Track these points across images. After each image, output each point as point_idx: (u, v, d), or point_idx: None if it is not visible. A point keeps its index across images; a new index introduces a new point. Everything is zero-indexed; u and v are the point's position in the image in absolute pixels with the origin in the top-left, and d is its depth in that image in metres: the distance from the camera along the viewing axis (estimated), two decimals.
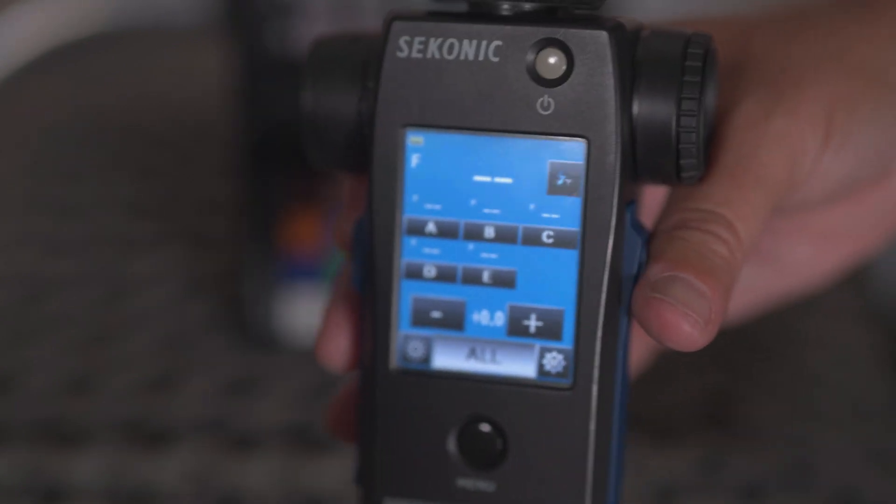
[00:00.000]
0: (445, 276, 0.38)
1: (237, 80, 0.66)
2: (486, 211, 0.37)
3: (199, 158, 0.85)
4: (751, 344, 0.65)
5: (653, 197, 0.41)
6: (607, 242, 0.37)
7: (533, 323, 0.38)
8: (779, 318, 0.67)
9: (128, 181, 0.82)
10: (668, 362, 0.62)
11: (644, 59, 0.37)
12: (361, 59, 0.39)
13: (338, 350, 0.40)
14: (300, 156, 0.66)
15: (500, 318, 0.38)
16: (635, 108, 0.37)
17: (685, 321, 0.35)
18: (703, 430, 0.58)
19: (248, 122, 0.66)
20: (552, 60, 0.36)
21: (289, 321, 0.66)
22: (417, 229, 0.38)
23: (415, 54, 0.37)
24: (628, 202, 0.37)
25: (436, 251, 0.38)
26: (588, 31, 0.36)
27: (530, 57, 0.37)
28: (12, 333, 0.67)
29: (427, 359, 0.38)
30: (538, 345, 0.38)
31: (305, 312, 0.66)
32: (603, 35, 0.36)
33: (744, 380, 0.62)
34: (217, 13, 1.01)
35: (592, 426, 0.37)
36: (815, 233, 0.44)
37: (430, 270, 0.38)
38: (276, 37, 0.65)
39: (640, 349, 0.44)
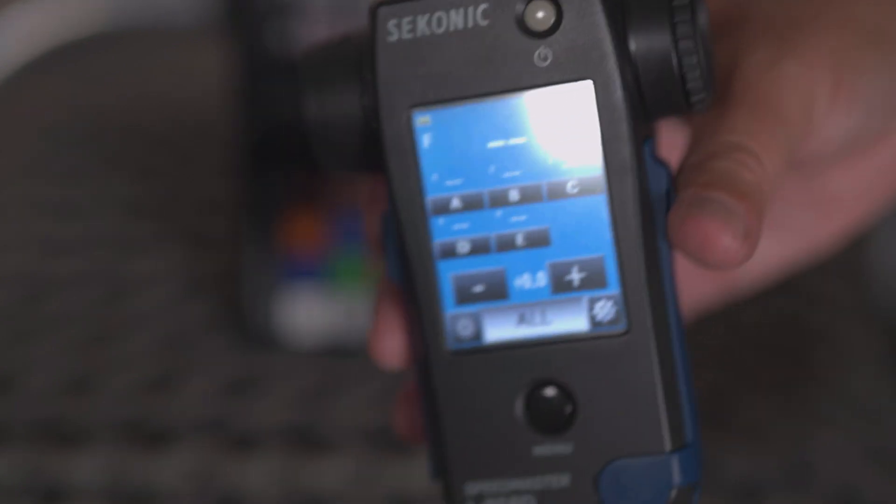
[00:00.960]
0: (480, 248, 0.38)
1: (237, 80, 0.66)
2: (507, 175, 0.37)
3: (199, 158, 0.85)
4: (750, 343, 0.65)
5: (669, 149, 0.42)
6: (632, 178, 0.37)
7: (576, 276, 0.37)
8: (779, 316, 0.67)
9: (128, 181, 0.82)
10: None
11: None
12: (355, 54, 0.39)
13: (392, 347, 0.40)
14: (300, 155, 0.66)
15: (542, 279, 0.38)
16: (632, 45, 0.37)
17: (724, 233, 0.35)
18: (703, 429, 0.58)
19: (248, 122, 0.66)
20: (541, 12, 0.37)
21: (289, 321, 0.66)
22: (443, 208, 0.38)
23: (405, 35, 0.37)
24: (645, 138, 0.38)
25: (465, 225, 0.38)
26: None
27: (518, 12, 0.37)
28: (12, 333, 0.67)
29: (478, 335, 0.38)
30: (585, 296, 0.37)
31: (305, 312, 0.66)
32: None
33: (743, 379, 0.62)
34: (217, 13, 1.01)
35: (656, 365, 0.37)
36: (819, 197, 0.44)
37: (463, 246, 0.38)
38: (276, 37, 0.65)
39: (702, 286, 0.44)
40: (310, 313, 0.66)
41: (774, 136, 0.38)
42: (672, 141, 0.43)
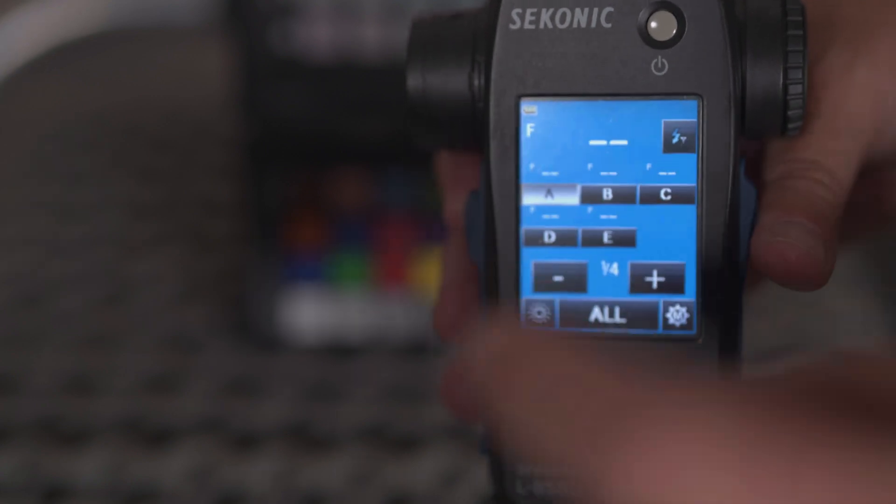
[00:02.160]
0: (565, 240, 0.38)
1: (237, 80, 0.66)
2: (604, 174, 0.38)
3: (200, 159, 0.85)
4: (749, 344, 0.65)
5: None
6: (725, 195, 0.38)
7: (655, 279, 0.38)
8: (780, 317, 0.67)
9: (129, 182, 0.82)
10: None
11: (748, 17, 0.38)
12: (468, 34, 0.39)
13: (454, 319, 0.41)
14: (300, 156, 0.66)
15: (622, 277, 0.38)
16: (744, 66, 0.38)
17: (808, 260, 0.37)
18: None
19: (248, 122, 0.66)
20: (664, 23, 0.38)
21: (290, 321, 0.66)
22: (535, 196, 0.38)
23: (527, 26, 0.38)
24: (740, 157, 0.38)
25: (555, 216, 0.38)
26: None
27: (642, 21, 0.38)
28: (13, 333, 0.67)
29: (551, 322, 0.39)
30: (661, 300, 0.38)
31: (307, 312, 0.66)
32: None
33: None
34: (217, 13, 1.01)
35: (717, 371, 0.38)
36: (877, 185, 0.45)
37: (549, 236, 0.38)
38: (276, 37, 0.65)
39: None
40: (311, 314, 0.66)
41: (846, 149, 0.39)
42: None
